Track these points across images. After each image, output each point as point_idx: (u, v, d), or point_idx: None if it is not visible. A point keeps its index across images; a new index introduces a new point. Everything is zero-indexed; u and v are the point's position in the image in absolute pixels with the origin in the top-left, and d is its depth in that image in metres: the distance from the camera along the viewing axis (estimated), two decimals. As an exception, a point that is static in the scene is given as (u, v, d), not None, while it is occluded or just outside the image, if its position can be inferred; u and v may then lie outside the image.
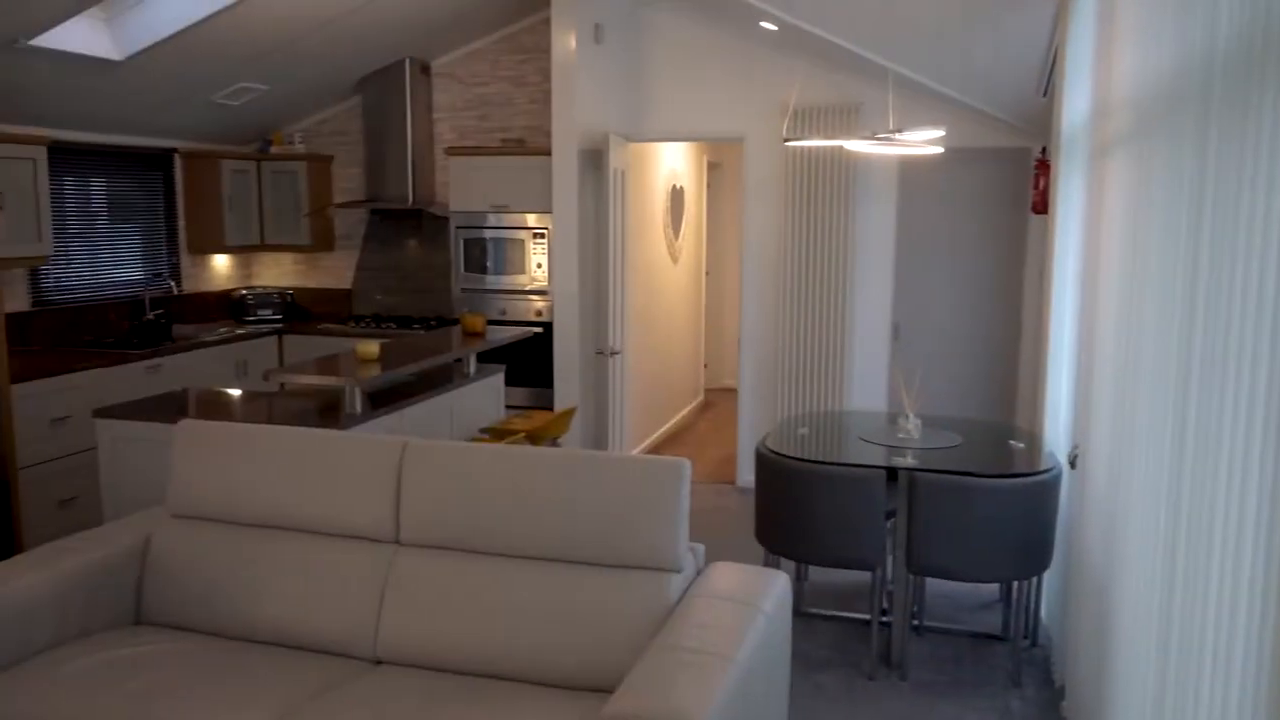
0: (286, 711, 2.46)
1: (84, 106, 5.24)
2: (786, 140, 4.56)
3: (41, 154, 4.91)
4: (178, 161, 6.28)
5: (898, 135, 3.72)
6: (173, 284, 6.23)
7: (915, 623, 4.13)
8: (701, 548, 2.94)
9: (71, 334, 5.55)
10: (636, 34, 6.12)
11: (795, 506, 3.70)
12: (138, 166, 6.02)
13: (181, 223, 6.34)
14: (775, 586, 2.79)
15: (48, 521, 4.62)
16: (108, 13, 4.76)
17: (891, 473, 3.70)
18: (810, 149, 5.76)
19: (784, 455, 3.77)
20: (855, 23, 4.61)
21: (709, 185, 9.00)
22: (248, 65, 5.42)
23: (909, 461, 3.75)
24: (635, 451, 6.68)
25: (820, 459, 3.72)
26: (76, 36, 4.57)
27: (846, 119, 5.68)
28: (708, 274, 9.11)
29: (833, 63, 5.64)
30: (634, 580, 2.70)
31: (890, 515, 3.85)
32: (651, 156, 6.99)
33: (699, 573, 2.88)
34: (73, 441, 4.74)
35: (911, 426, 4.14)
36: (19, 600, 2.68)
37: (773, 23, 5.10)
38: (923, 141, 4.03)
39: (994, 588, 4.53)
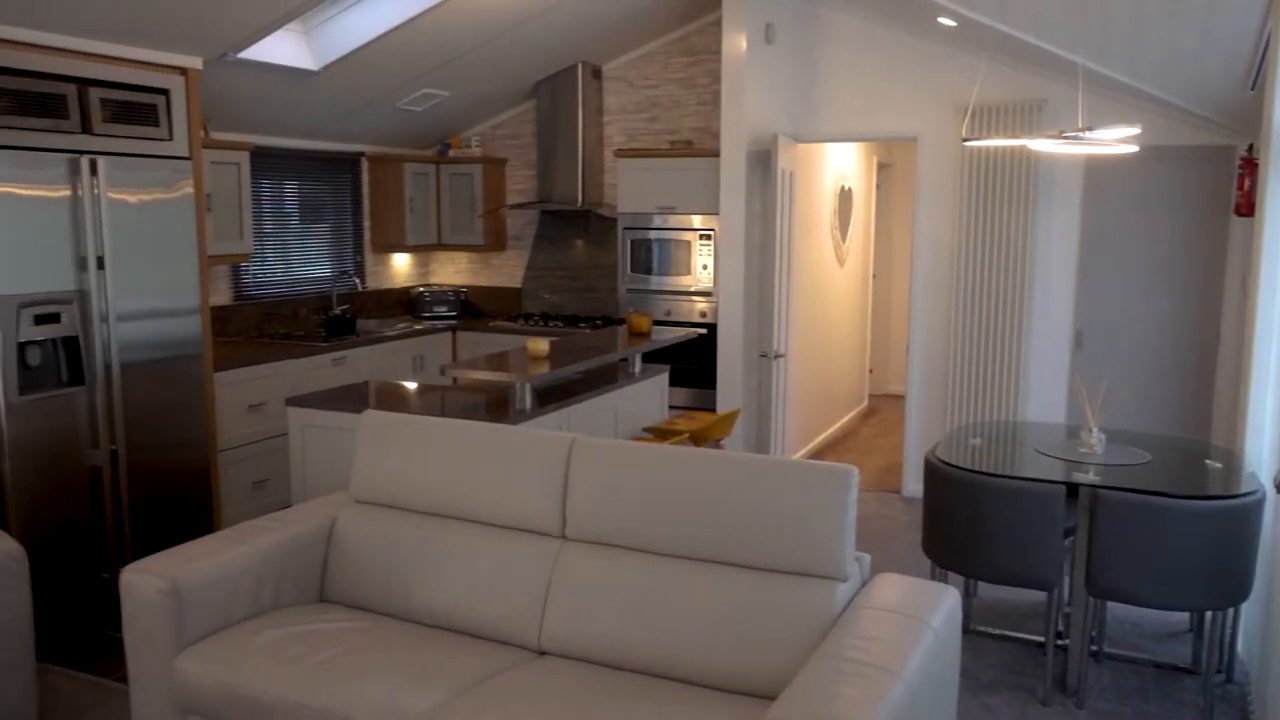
0: (455, 694, 2.55)
1: (282, 114, 5.60)
2: (966, 140, 4.39)
3: (245, 159, 5.28)
4: (364, 164, 6.63)
5: (1087, 134, 3.53)
6: (358, 281, 6.58)
7: (1094, 648, 3.91)
8: (867, 557, 2.87)
9: (267, 326, 5.94)
10: (808, 33, 6.05)
11: (967, 519, 3.56)
12: (328, 169, 6.38)
13: (367, 223, 6.69)
14: (945, 601, 2.69)
15: (242, 501, 4.96)
16: (305, 26, 5.07)
17: (1071, 489, 3.52)
18: (988, 148, 5.54)
19: (956, 466, 3.63)
20: (1042, 16, 4.40)
21: (878, 186, 8.80)
22: (430, 73, 5.66)
23: (1091, 478, 3.55)
24: (796, 456, 6.59)
25: (995, 471, 3.57)
26: (278, 49, 4.89)
27: (1029, 117, 5.43)
28: (875, 277, 8.90)
29: (1015, 58, 5.41)
30: (798, 587, 2.66)
31: (1069, 533, 3.65)
32: (819, 157, 6.89)
33: (864, 583, 2.81)
34: (266, 427, 5.07)
35: (1095, 441, 3.91)
36: (224, 573, 2.89)
37: (951, 18, 4.93)
38: (1115, 140, 3.81)
39: (1183, 616, 4.24)
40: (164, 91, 4.22)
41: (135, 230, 4.09)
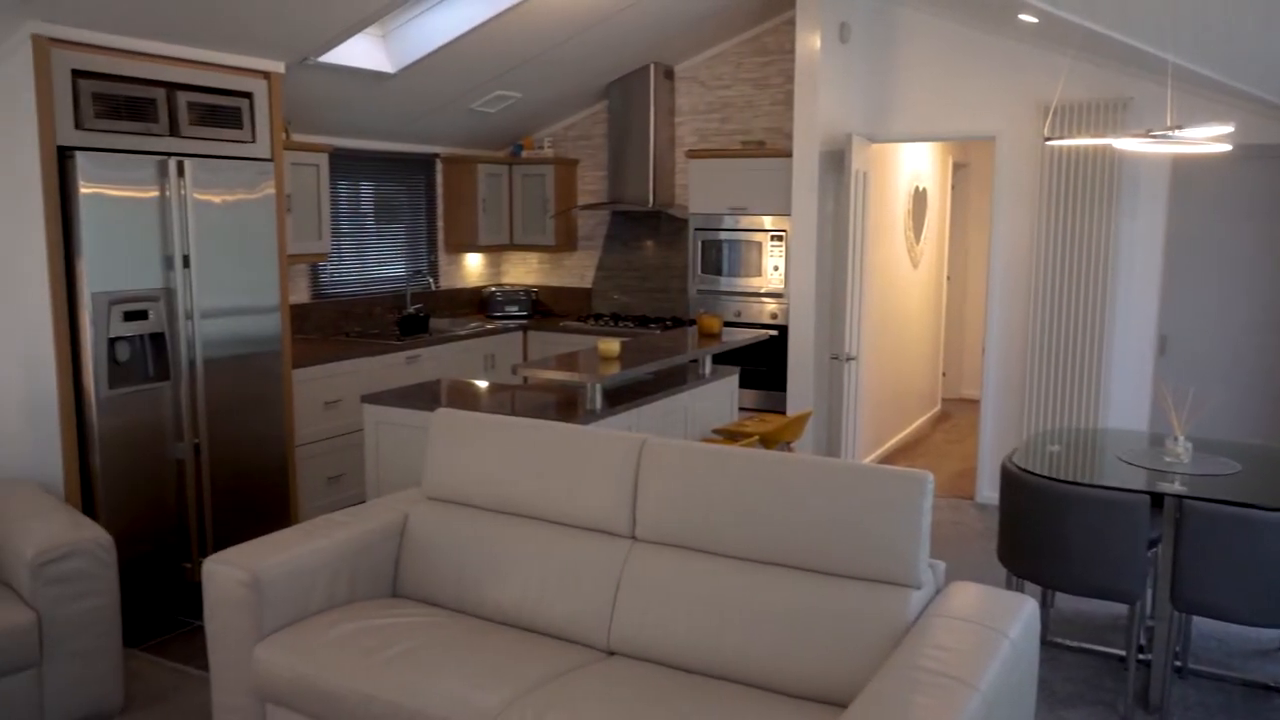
0: (524, 691, 2.56)
1: (360, 116, 5.70)
2: (1048, 139, 4.28)
3: (324, 161, 5.40)
4: (439, 166, 6.72)
5: (1177, 133, 3.41)
6: (431, 280, 6.67)
7: (1178, 664, 3.78)
8: (942, 565, 2.82)
9: (343, 325, 6.06)
10: (884, 31, 5.96)
11: (1045, 528, 3.47)
12: (403, 171, 6.49)
13: (440, 223, 6.79)
14: (1022, 612, 2.63)
15: (318, 495, 5.06)
16: (383, 29, 5.16)
17: (1156, 498, 3.40)
18: (1069, 148, 5.40)
19: (1035, 474, 3.55)
20: (1130, 11, 4.28)
21: (953, 186, 8.64)
22: (504, 75, 5.71)
23: (1177, 488, 3.43)
24: (867, 460, 6.51)
25: (1076, 480, 3.48)
26: (356, 53, 4.98)
27: (1113, 115, 5.28)
28: (949, 279, 8.74)
29: (1099, 55, 5.26)
30: (870, 593, 2.62)
31: (1153, 544, 3.54)
32: (894, 157, 6.79)
33: (938, 591, 2.76)
34: (341, 423, 5.17)
35: (1181, 450, 3.79)
36: (301, 566, 2.95)
37: (1033, 15, 4.81)
38: (1206, 139, 3.68)
39: (1274, 634, 4.08)
40: (248, 95, 4.33)
41: (219, 230, 4.20)
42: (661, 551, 2.91)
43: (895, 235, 6.94)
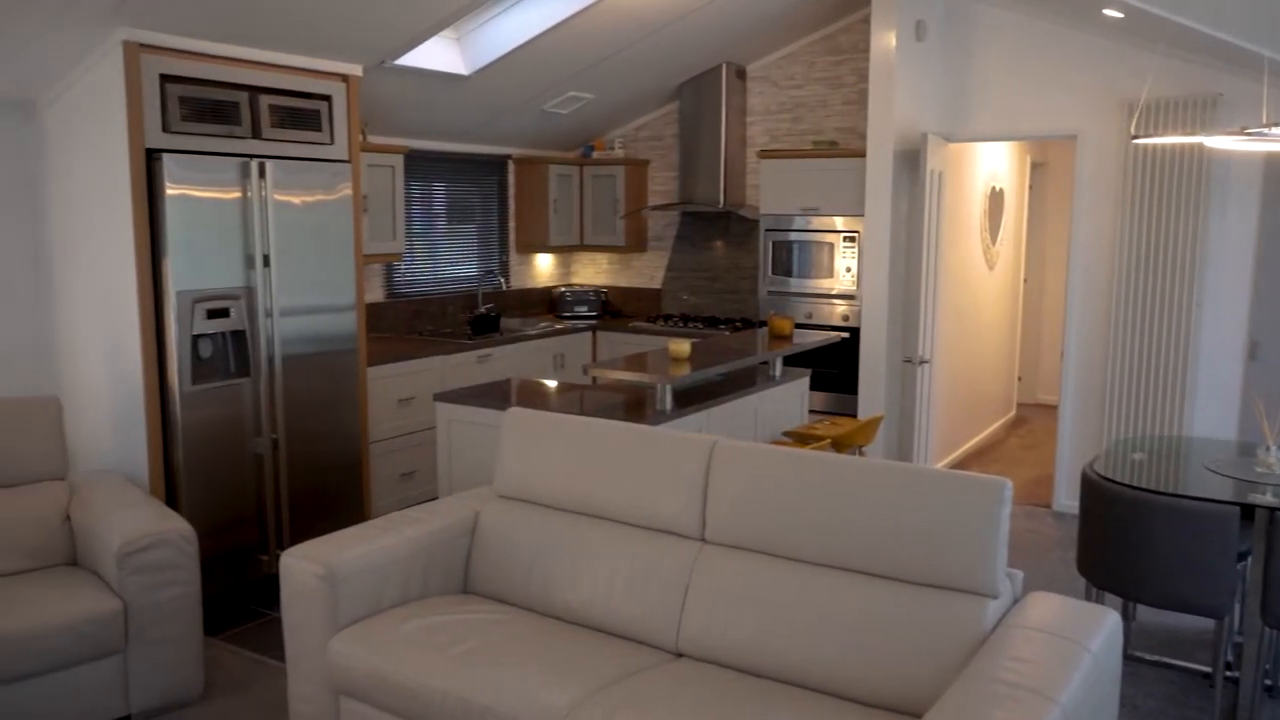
0: (592, 691, 2.56)
1: (434, 118, 5.78)
2: (1135, 138, 4.16)
3: (399, 162, 5.48)
4: (510, 166, 6.78)
5: (1272, 130, 3.29)
6: (502, 280, 6.74)
7: (1268, 682, 3.64)
8: (1020, 574, 2.75)
9: (416, 323, 6.15)
10: (961, 28, 5.85)
11: (1128, 539, 3.37)
12: (476, 171, 6.56)
13: (511, 223, 6.85)
14: (1104, 625, 2.55)
15: (390, 491, 5.14)
16: (458, 32, 5.22)
17: (1246, 510, 3.28)
18: (1154, 147, 5.24)
19: (1117, 482, 3.44)
20: (1224, 6, 4.13)
21: (1031, 186, 8.44)
22: (577, 76, 5.74)
23: (1270, 499, 3.30)
24: (939, 465, 6.39)
25: (1161, 489, 3.37)
26: (432, 55, 5.05)
27: (1202, 113, 5.10)
28: (1026, 281, 8.55)
29: (1188, 51, 5.09)
30: (945, 602, 2.57)
31: (1242, 557, 3.41)
32: (970, 157, 6.66)
33: (1015, 601, 2.69)
34: (414, 421, 5.25)
35: (1273, 459, 3.64)
36: (375, 561, 2.99)
37: (1118, 10, 4.68)
38: (1302, 136, 3.53)
39: (1371, 653, 3.90)
40: (326, 98, 4.41)
41: (297, 230, 4.29)
42: (731, 554, 2.89)
43: (971, 236, 6.80)
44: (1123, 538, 3.39)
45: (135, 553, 3.22)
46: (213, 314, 4.00)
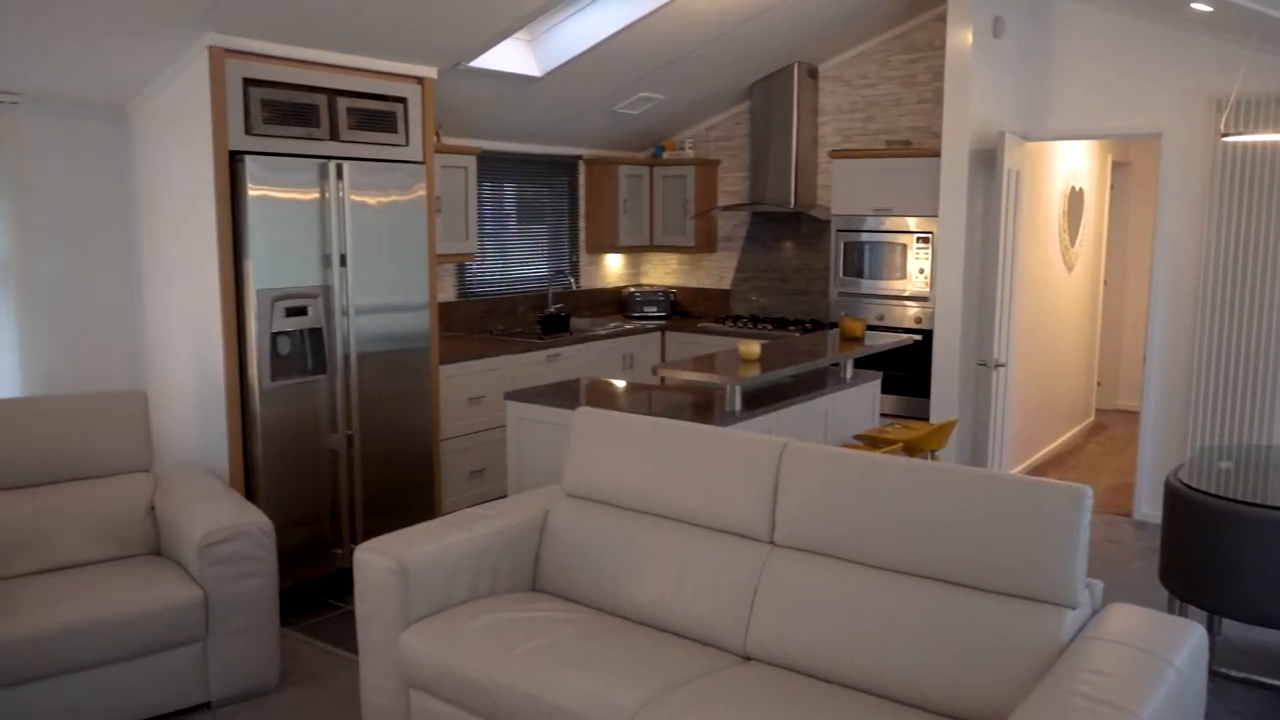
0: (660, 692, 2.56)
1: (506, 119, 5.84)
2: (1224, 135, 4.01)
3: (472, 163, 5.55)
4: (581, 167, 6.82)
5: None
6: (572, 280, 6.78)
7: (1363, 703, 3.49)
8: (1099, 585, 2.67)
9: (487, 323, 6.21)
10: (1040, 24, 5.72)
11: (1215, 551, 3.25)
12: (547, 172, 6.60)
13: (582, 224, 6.88)
14: (1189, 638, 2.46)
15: (460, 488, 5.21)
16: (531, 34, 5.26)
17: (1342, 523, 3.15)
18: (1245, 144, 5.05)
19: (1204, 492, 3.33)
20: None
21: (1112, 186, 8.22)
22: (648, 76, 5.74)
23: (1367, 512, 3.16)
24: (1015, 471, 6.25)
25: (1250, 499, 3.25)
26: (505, 57, 5.10)
27: (1296, 109, 4.91)
28: (1106, 283, 8.32)
29: (1281, 45, 4.91)
30: (1021, 611, 2.51)
31: (1337, 573, 3.27)
32: (1048, 156, 6.50)
33: (1094, 612, 2.62)
34: (484, 419, 5.31)
35: (1371, 471, 3.49)
36: (446, 557, 3.03)
37: (1206, 3, 4.52)
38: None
39: None
40: (402, 100, 4.49)
41: (373, 230, 4.37)
42: (801, 558, 2.87)
43: (1049, 237, 6.65)
44: (1210, 549, 3.27)
45: (216, 544, 3.31)
46: (291, 312, 4.09)
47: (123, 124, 4.33)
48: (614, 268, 7.25)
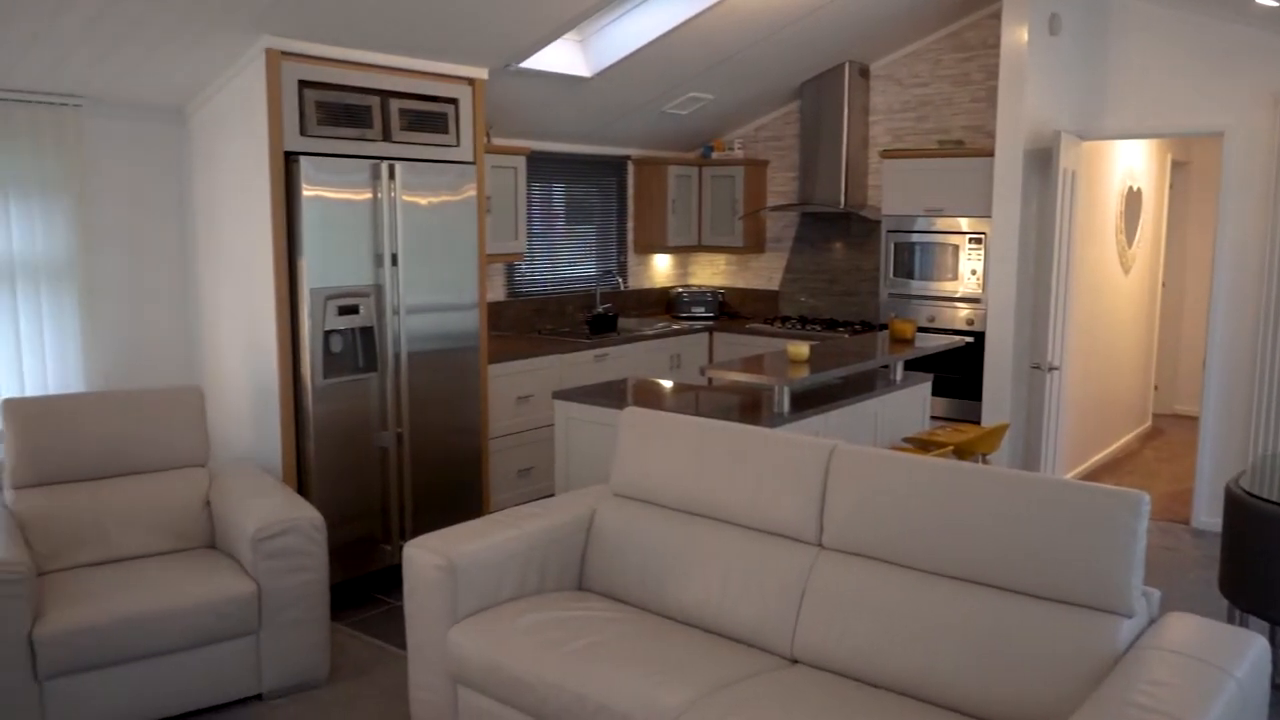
0: (705, 693, 2.55)
1: (556, 120, 5.86)
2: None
3: (521, 163, 5.58)
4: (630, 167, 6.82)
5: None
6: (620, 280, 6.79)
7: None
8: (1156, 593, 2.61)
9: (535, 322, 6.25)
10: (1098, 21, 5.61)
11: (1278, 560, 3.17)
12: (596, 172, 6.62)
13: (630, 224, 6.89)
14: (1250, 650, 2.40)
15: (508, 487, 5.24)
16: (581, 34, 5.28)
17: None
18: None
19: (1267, 500, 3.24)
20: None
21: (1171, 186, 8.04)
22: (697, 76, 5.73)
23: None
24: (1068, 476, 6.14)
25: (1313, 508, 3.16)
26: (555, 58, 5.12)
27: (1366, 106, 4.76)
28: (1164, 285, 8.14)
29: (1351, 40, 4.76)
30: (1075, 618, 2.46)
31: (1407, 585, 3.17)
32: (1105, 155, 6.38)
33: (1152, 621, 2.57)
34: (532, 418, 5.33)
35: None
36: (494, 555, 3.05)
37: (1273, -2, 4.41)
38: None
39: None
40: (453, 101, 4.52)
41: (424, 230, 4.41)
42: (849, 561, 2.84)
43: (1105, 238, 6.52)
44: (1273, 558, 3.19)
45: (269, 538, 3.36)
46: (343, 311, 4.14)
47: (181, 125, 4.42)
48: (662, 268, 7.25)
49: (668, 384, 4.51)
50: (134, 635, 3.12)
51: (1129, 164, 6.83)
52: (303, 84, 3.96)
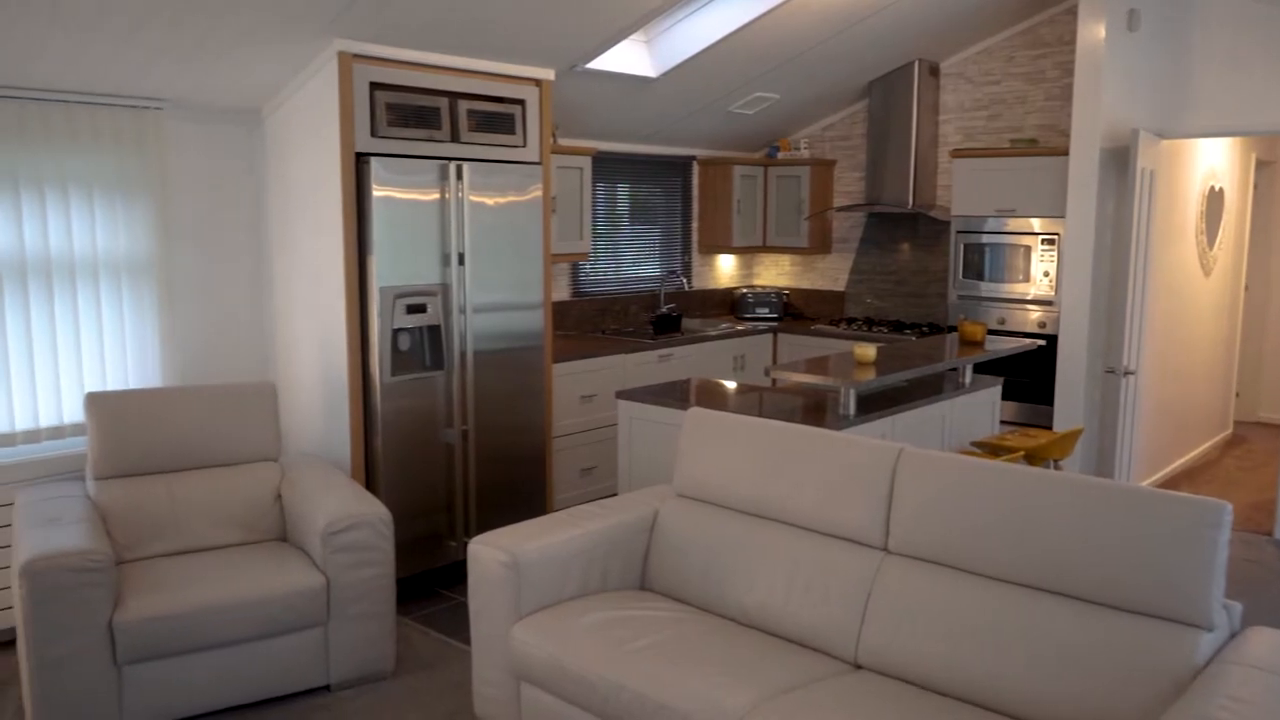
0: (768, 696, 2.53)
1: (621, 120, 5.87)
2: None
3: (587, 164, 5.60)
4: (695, 168, 6.81)
5: None
6: (684, 281, 6.77)
7: None
8: (1238, 607, 2.53)
9: (599, 322, 6.27)
10: (1179, 16, 5.45)
11: (1367, 574, 3.04)
12: (660, 173, 6.62)
13: (695, 224, 6.88)
14: (1339, 668, 2.31)
15: (571, 485, 5.26)
16: (647, 35, 5.28)
17: None
18: None
19: (1354, 511, 3.11)
20: None
21: (1255, 186, 7.77)
22: (763, 76, 5.70)
23: None
24: (1144, 484, 5.97)
25: None
26: (621, 58, 5.13)
27: None
28: (1247, 289, 7.88)
29: None
30: (1152, 631, 2.39)
31: None
32: (1185, 155, 6.19)
33: (1232, 635, 2.48)
34: (596, 418, 5.35)
35: None
36: (557, 553, 3.07)
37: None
38: None
39: None
40: (520, 102, 4.56)
41: (491, 230, 4.45)
42: (916, 566, 2.80)
43: (1185, 240, 6.33)
44: (1361, 573, 3.06)
45: (338, 533, 3.42)
46: (411, 309, 4.20)
47: (256, 127, 4.52)
48: (726, 268, 7.22)
49: (731, 385, 4.49)
50: (208, 624, 3.20)
51: (1210, 163, 6.62)
52: (374, 86, 4.03)
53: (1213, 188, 6.69)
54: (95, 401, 3.67)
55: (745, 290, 7.03)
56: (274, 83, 4.18)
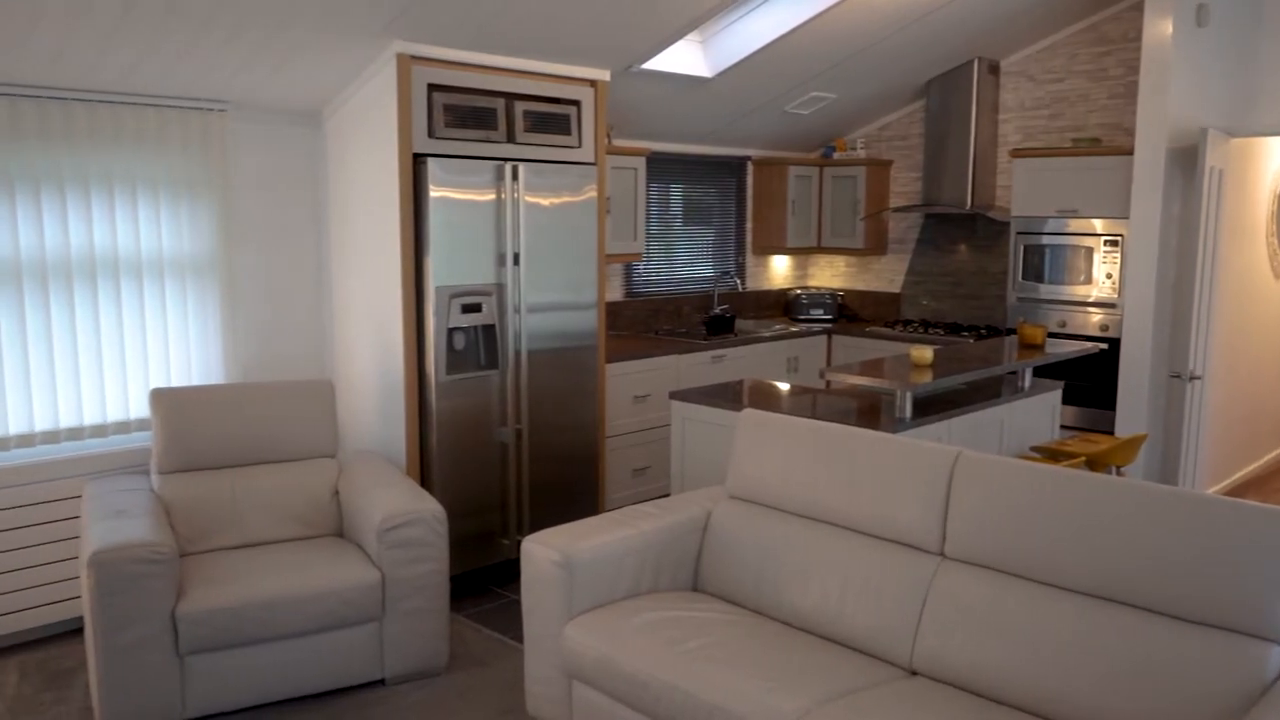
0: (821, 702, 2.51)
1: (676, 120, 5.87)
2: None
3: (641, 164, 5.61)
4: (749, 168, 6.78)
5: None
6: (738, 282, 6.75)
7: None
8: (1311, 619, 2.44)
9: (653, 322, 6.27)
10: (1250, 10, 5.30)
11: None
12: (714, 173, 6.60)
13: (749, 225, 6.85)
14: None
15: (623, 485, 5.27)
16: (702, 35, 5.27)
17: None
18: None
19: None
20: None
21: (1330, 186, 7.52)
22: (819, 76, 5.66)
23: None
24: (1210, 491, 5.82)
25: None
26: (676, 59, 5.13)
27: None
28: (1320, 292, 7.63)
29: None
30: (1220, 643, 2.32)
31: None
32: (1257, 153, 6.02)
33: (1306, 649, 2.40)
34: (648, 418, 5.35)
35: None
36: (610, 553, 3.07)
37: None
38: None
39: None
40: (575, 103, 4.58)
41: (545, 230, 4.47)
42: (973, 572, 2.75)
43: (1255, 241, 6.15)
44: None
45: (394, 529, 3.46)
46: (467, 309, 4.24)
47: (317, 128, 4.60)
48: (780, 269, 7.18)
49: (785, 386, 4.46)
50: (266, 617, 3.26)
51: (1282, 162, 6.43)
52: (431, 87, 4.07)
53: (1284, 188, 6.50)
54: (159, 397, 3.76)
55: (799, 291, 6.98)
56: (334, 84, 4.25)
